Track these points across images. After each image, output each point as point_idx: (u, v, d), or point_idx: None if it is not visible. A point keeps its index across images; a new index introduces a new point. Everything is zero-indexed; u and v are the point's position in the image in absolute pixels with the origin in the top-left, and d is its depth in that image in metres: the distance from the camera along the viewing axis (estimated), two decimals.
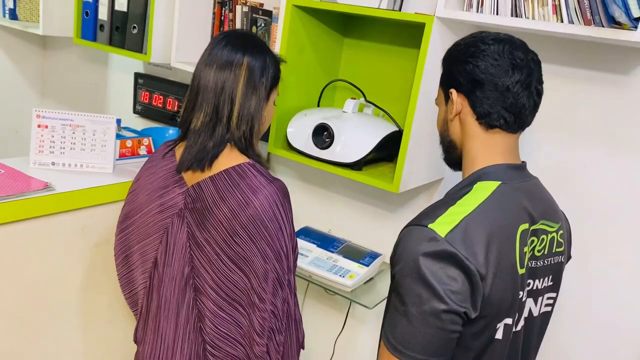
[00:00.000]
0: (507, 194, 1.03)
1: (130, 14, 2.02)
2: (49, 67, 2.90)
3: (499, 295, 0.98)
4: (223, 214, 1.18)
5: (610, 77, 1.42)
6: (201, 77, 1.22)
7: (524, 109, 1.03)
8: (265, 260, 1.18)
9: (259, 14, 1.88)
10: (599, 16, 1.24)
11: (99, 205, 1.59)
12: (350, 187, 1.93)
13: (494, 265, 0.96)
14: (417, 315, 0.93)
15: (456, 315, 0.94)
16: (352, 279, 1.63)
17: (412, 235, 0.98)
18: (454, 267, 0.93)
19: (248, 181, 1.19)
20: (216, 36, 1.27)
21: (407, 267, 0.95)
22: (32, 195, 1.42)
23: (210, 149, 1.20)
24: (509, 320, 1.02)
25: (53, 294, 1.55)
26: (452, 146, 1.12)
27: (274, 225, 1.17)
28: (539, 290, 1.10)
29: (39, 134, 1.61)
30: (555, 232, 1.11)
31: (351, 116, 1.63)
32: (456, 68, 1.06)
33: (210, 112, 1.19)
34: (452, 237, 0.94)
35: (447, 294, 0.92)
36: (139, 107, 2.48)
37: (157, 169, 1.33)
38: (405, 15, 1.43)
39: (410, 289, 0.94)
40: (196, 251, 1.24)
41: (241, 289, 1.22)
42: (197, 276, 1.24)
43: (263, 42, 1.29)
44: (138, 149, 1.82)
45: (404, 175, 1.48)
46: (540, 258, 1.08)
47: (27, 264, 1.46)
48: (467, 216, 0.97)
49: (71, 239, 1.55)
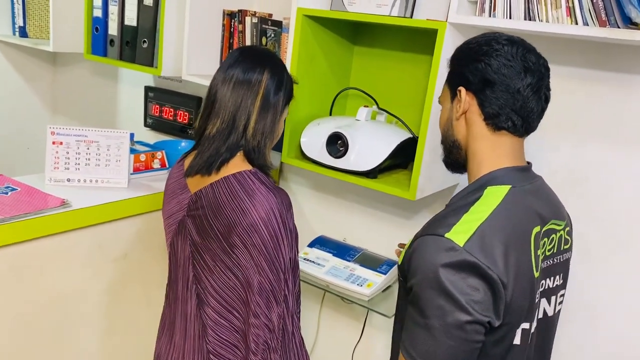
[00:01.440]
0: (519, 198, 1.02)
1: (140, 29, 2.03)
2: (60, 84, 2.92)
3: (518, 302, 0.97)
4: (220, 223, 1.17)
5: (623, 77, 1.41)
6: (218, 91, 1.22)
7: (532, 113, 1.02)
8: (258, 270, 1.15)
9: (268, 25, 1.88)
10: (614, 17, 1.23)
11: (115, 221, 1.59)
12: (364, 195, 1.93)
13: (513, 271, 0.95)
14: (440, 327, 0.92)
15: (480, 326, 0.93)
16: (370, 287, 1.62)
17: (429, 246, 0.96)
18: (475, 276, 0.92)
19: (247, 188, 1.17)
20: (234, 51, 1.27)
21: (426, 279, 0.94)
22: (49, 213, 1.42)
23: (222, 154, 1.19)
24: (526, 325, 1.01)
25: (72, 311, 1.55)
26: (456, 146, 1.10)
27: (270, 235, 1.15)
28: (551, 290, 1.09)
29: (54, 150, 1.61)
30: (562, 229, 1.10)
31: (364, 124, 1.62)
32: (467, 66, 1.04)
33: (227, 119, 1.19)
34: (471, 245, 0.93)
35: (470, 304, 0.91)
36: (150, 121, 2.49)
37: (169, 177, 1.35)
38: (417, 22, 1.43)
39: (430, 301, 0.93)
40: (198, 258, 1.24)
41: (238, 297, 1.21)
42: (199, 283, 1.25)
43: (280, 59, 1.30)
44: (152, 163, 1.82)
45: (420, 182, 1.47)
46: (551, 257, 1.07)
47: (46, 281, 1.46)
48: (482, 223, 0.96)
49: (89, 255, 1.55)
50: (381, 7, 1.51)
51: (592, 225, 1.50)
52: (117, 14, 2.07)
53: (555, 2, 1.29)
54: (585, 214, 1.51)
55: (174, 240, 1.29)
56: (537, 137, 1.50)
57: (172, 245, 1.30)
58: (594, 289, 1.52)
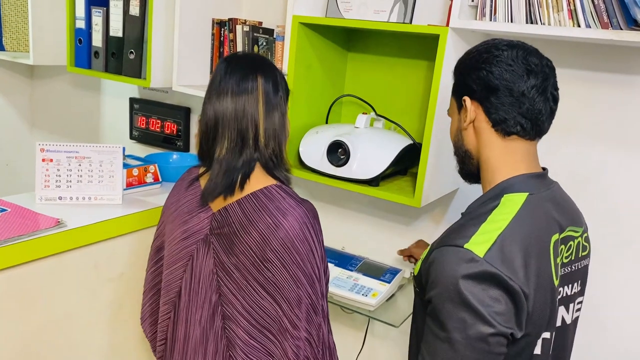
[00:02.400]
0: (537, 205, 1.00)
1: (126, 40, 1.97)
2: (38, 97, 2.83)
3: (539, 312, 0.95)
4: (252, 239, 1.14)
5: (625, 78, 1.42)
6: (216, 107, 1.17)
7: (541, 114, 1.01)
8: (297, 285, 1.14)
9: (259, 33, 1.85)
10: (617, 19, 1.23)
11: (110, 239, 1.53)
12: (362, 202, 1.90)
13: (534, 281, 0.94)
14: (462, 341, 0.90)
15: (503, 338, 0.91)
16: (376, 297, 1.60)
17: (448, 257, 0.94)
18: (496, 287, 0.90)
19: (277, 204, 1.15)
20: (219, 63, 1.22)
21: (446, 291, 0.92)
22: (43, 234, 1.36)
23: (238, 169, 1.15)
24: (547, 334, 1.00)
25: (69, 333, 1.49)
26: (468, 156, 1.08)
27: (306, 248, 1.14)
28: (569, 297, 1.08)
29: (44, 168, 1.55)
30: (580, 236, 1.09)
31: (364, 131, 1.60)
32: (469, 75, 1.03)
33: (234, 137, 1.15)
34: (491, 256, 0.91)
35: (492, 316, 0.89)
36: (136, 133, 2.43)
37: (181, 196, 1.29)
38: (418, 27, 1.41)
39: (451, 314, 0.91)
40: (224, 277, 1.19)
41: (272, 316, 1.17)
42: (225, 303, 1.20)
43: (267, 59, 1.26)
44: (145, 177, 1.77)
45: (425, 188, 1.45)
46: (569, 264, 1.06)
47: (42, 304, 1.40)
48: (501, 233, 0.94)
49: (84, 275, 1.49)
50: (379, 13, 1.50)
51: (594, 227, 1.50)
52: (102, 24, 2.01)
53: (557, 5, 1.29)
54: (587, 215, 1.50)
55: (193, 261, 1.24)
56: None
57: (190, 267, 1.24)
58: (598, 290, 1.52)
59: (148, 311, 1.42)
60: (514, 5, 1.34)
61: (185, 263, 1.24)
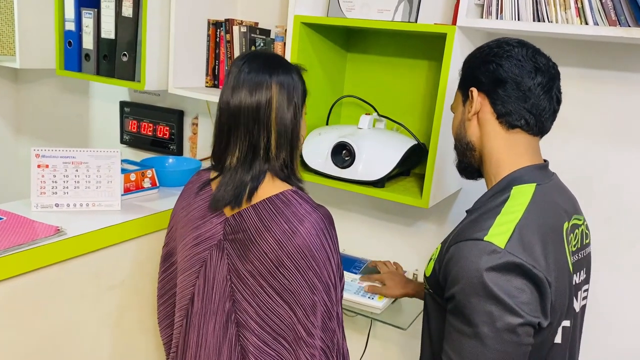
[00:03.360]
0: (546, 195, 1.02)
1: (118, 42, 1.92)
2: (24, 102, 2.75)
3: (560, 299, 0.96)
4: (268, 245, 1.11)
5: (631, 76, 1.42)
6: (230, 108, 1.13)
7: (544, 111, 1.03)
8: (313, 292, 1.11)
9: (256, 34, 1.82)
10: (624, 16, 1.23)
11: (111, 246, 1.49)
12: (364, 204, 1.88)
13: (554, 269, 0.94)
14: (491, 334, 0.89)
15: (531, 327, 0.91)
16: (382, 300, 1.58)
17: (469, 251, 0.93)
18: (521, 277, 0.90)
19: (293, 209, 1.12)
20: (235, 61, 1.18)
21: (470, 285, 0.91)
22: (43, 243, 1.31)
23: (247, 183, 1.13)
24: (567, 323, 1.00)
25: (70, 343, 1.44)
26: (470, 148, 1.09)
27: (322, 255, 1.11)
28: (577, 285, 1.09)
29: (40, 174, 1.50)
30: (582, 224, 1.11)
31: (368, 132, 1.58)
32: (478, 68, 1.06)
33: (245, 148, 1.12)
34: (512, 246, 0.91)
35: (519, 306, 0.89)
36: (127, 137, 2.38)
37: (191, 201, 1.25)
38: (425, 26, 1.40)
39: (478, 308, 0.90)
40: (238, 284, 1.16)
41: (287, 323, 1.15)
42: (239, 310, 1.17)
43: (285, 61, 1.22)
44: (142, 182, 1.72)
45: (432, 189, 1.44)
46: (576, 252, 1.08)
47: (42, 315, 1.35)
48: (518, 223, 0.95)
49: (85, 284, 1.45)
50: (383, 12, 1.48)
51: (598, 225, 1.51)
52: (93, 26, 1.96)
53: (564, 3, 1.29)
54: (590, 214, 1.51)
55: (206, 267, 1.20)
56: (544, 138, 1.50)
57: (203, 274, 1.21)
58: (602, 289, 1.53)
59: (161, 317, 1.39)
60: (520, 4, 1.33)
61: (198, 269, 1.21)
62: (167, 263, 1.34)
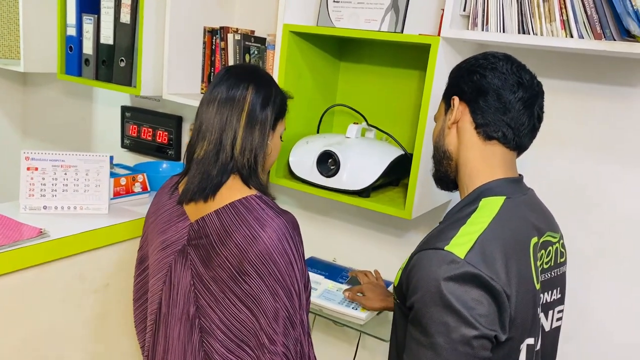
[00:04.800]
0: (515, 209, 1.01)
1: (117, 47, 1.95)
2: (31, 105, 2.80)
3: (522, 314, 0.95)
4: (229, 251, 1.11)
5: (619, 90, 1.40)
6: (204, 112, 1.17)
7: (523, 127, 1.03)
8: (275, 298, 1.11)
9: (251, 42, 1.83)
10: (610, 30, 1.21)
11: (96, 249, 1.50)
12: (353, 213, 1.88)
13: (515, 283, 0.93)
14: (446, 345, 0.88)
15: (487, 340, 0.90)
16: (365, 311, 1.56)
17: (429, 260, 0.93)
18: (478, 288, 0.89)
19: (256, 214, 1.12)
20: (220, 70, 1.23)
21: (428, 295, 0.90)
22: (25, 244, 1.33)
23: (213, 177, 1.14)
24: (530, 340, 0.99)
25: (52, 346, 1.45)
26: (447, 157, 1.09)
27: (284, 261, 1.11)
28: (549, 304, 1.08)
29: (29, 176, 1.52)
30: (557, 242, 1.10)
31: (355, 141, 1.58)
32: (462, 78, 1.06)
33: (214, 140, 1.14)
34: (472, 257, 0.90)
35: (475, 318, 0.88)
36: (127, 142, 2.41)
37: (161, 205, 1.27)
38: (409, 37, 1.39)
39: (434, 318, 0.89)
40: (202, 290, 1.16)
41: (249, 329, 1.14)
42: (203, 316, 1.17)
43: (268, 74, 1.25)
44: (132, 187, 1.74)
45: (416, 200, 1.43)
46: (549, 270, 1.06)
47: (24, 316, 1.36)
48: (481, 234, 0.94)
49: (69, 286, 1.46)
50: (370, 22, 1.48)
51: (589, 238, 1.48)
52: (93, 32, 1.99)
53: (550, 15, 1.27)
54: (581, 227, 1.49)
55: (171, 272, 1.22)
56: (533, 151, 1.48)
57: (168, 278, 1.22)
58: (592, 302, 1.50)
59: (137, 321, 1.41)
60: (506, 15, 1.32)
61: (165, 274, 1.22)
62: (142, 267, 1.35)
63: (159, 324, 1.25)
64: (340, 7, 1.53)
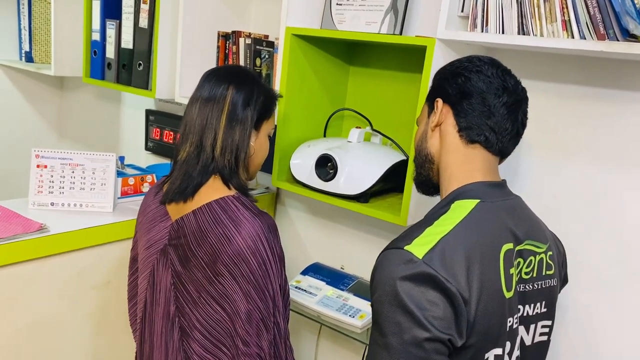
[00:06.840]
0: (487, 212, 0.97)
1: (135, 51, 2.01)
2: (66, 108, 2.92)
3: (485, 322, 0.90)
4: (204, 251, 1.11)
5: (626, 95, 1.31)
6: (188, 112, 1.19)
7: (506, 132, 1.01)
8: (247, 299, 1.10)
9: (262, 46, 1.84)
10: (613, 30, 1.14)
11: (96, 246, 1.54)
12: (359, 219, 1.84)
13: (477, 287, 0.89)
14: (398, 346, 0.85)
15: (440, 344, 0.86)
16: (363, 319, 1.53)
17: (388, 260, 0.92)
18: (434, 290, 0.86)
19: (231, 215, 1.12)
20: (205, 72, 1.24)
21: (384, 294, 0.88)
22: (25, 238, 1.37)
23: (194, 178, 1.15)
24: (498, 351, 0.94)
25: (48, 340, 1.49)
26: (429, 160, 1.07)
27: (257, 262, 1.10)
28: (530, 317, 1.03)
29: (38, 174, 1.58)
30: (543, 253, 1.04)
31: (356, 146, 1.55)
32: (447, 80, 1.05)
33: (195, 141, 1.16)
34: (430, 258, 0.88)
35: (428, 320, 0.85)
36: (151, 144, 2.46)
37: (147, 205, 1.29)
38: (405, 39, 1.36)
39: (389, 318, 0.87)
40: (181, 290, 1.17)
41: (225, 329, 1.14)
42: (182, 316, 1.17)
43: (253, 74, 1.26)
44: (141, 187, 1.77)
45: (412, 206, 1.39)
46: (530, 281, 1.01)
47: (20, 309, 1.41)
48: (444, 236, 0.91)
49: (67, 282, 1.50)
50: (370, 24, 1.46)
51: (598, 251, 1.40)
52: (114, 37, 2.06)
53: (551, 15, 1.21)
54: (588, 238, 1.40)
55: (154, 271, 1.23)
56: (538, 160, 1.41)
57: (152, 277, 1.24)
58: (600, 317, 1.41)
59: (131, 319, 1.43)
60: (505, 16, 1.27)
61: (149, 273, 1.23)
62: (134, 266, 1.37)
63: (145, 322, 1.27)
64: (342, 10, 1.52)
